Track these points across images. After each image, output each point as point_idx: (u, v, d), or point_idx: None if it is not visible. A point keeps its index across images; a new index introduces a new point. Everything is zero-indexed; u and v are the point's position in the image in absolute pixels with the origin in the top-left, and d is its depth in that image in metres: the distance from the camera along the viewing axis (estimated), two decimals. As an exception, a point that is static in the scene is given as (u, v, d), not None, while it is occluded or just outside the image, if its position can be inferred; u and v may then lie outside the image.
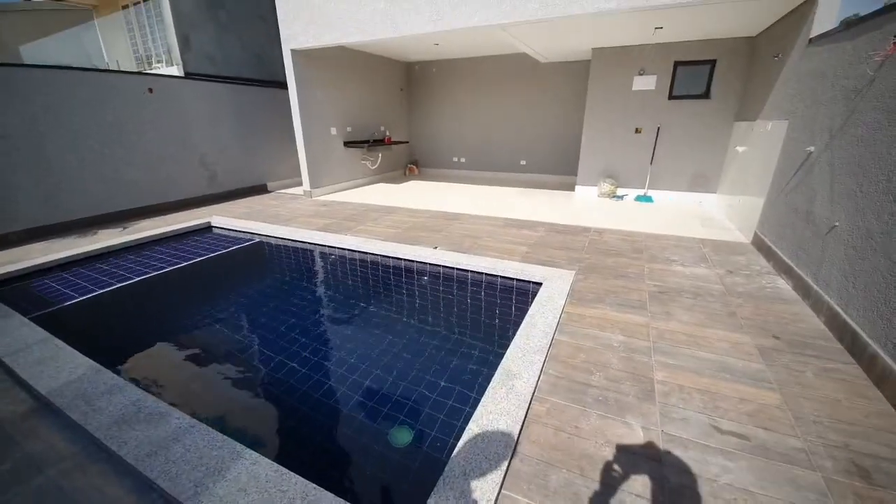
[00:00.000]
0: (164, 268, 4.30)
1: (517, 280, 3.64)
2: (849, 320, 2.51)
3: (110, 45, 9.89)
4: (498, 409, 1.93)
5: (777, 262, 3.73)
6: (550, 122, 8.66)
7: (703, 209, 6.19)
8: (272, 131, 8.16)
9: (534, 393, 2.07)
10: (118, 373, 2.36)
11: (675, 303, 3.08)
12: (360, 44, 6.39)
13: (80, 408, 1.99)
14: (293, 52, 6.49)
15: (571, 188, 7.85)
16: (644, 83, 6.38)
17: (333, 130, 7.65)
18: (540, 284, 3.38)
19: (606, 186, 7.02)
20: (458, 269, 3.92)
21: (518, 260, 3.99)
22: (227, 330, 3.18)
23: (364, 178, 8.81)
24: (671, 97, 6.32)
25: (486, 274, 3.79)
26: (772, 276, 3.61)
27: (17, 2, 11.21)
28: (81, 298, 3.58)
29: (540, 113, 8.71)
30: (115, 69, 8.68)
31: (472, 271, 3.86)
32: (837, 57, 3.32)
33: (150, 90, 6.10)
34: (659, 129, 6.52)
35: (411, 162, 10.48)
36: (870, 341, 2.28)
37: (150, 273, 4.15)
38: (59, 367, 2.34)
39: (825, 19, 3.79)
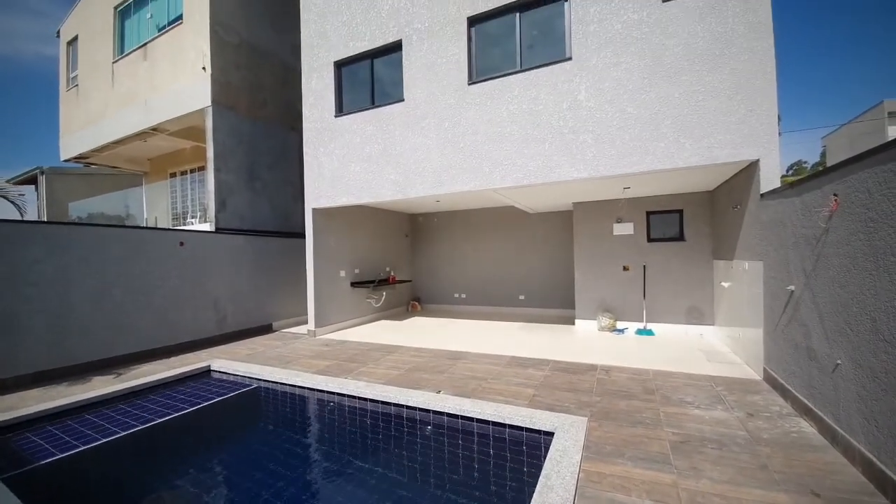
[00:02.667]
0: (154, 420, 4.08)
1: (527, 430, 3.42)
2: (886, 470, 2.31)
3: (152, 203, 11.32)
4: None
5: (794, 401, 3.57)
6: (544, 260, 9.30)
7: (706, 342, 6.16)
8: (284, 275, 8.69)
9: (558, 581, 1.78)
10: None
11: (700, 455, 2.85)
12: (372, 204, 7.40)
13: None
14: (314, 210, 7.44)
15: (571, 321, 7.95)
16: (623, 229, 7.12)
17: (342, 273, 8.17)
18: (551, 434, 3.18)
19: (606, 320, 7.13)
20: (462, 416, 3.73)
21: (526, 404, 3.82)
22: (210, 499, 2.86)
23: (368, 316, 8.99)
24: (650, 240, 6.98)
25: (492, 423, 3.59)
26: (793, 417, 3.42)
27: (78, 167, 13.05)
28: (61, 456, 3.31)
29: (534, 253, 9.43)
30: (152, 226, 9.74)
31: (477, 419, 3.66)
32: (791, 210, 3.71)
33: (182, 244, 6.77)
34: (645, 267, 6.99)
35: (414, 299, 10.83)
36: (921, 501, 2.06)
37: (137, 426, 3.92)
38: (14, 553, 2.05)
39: (770, 178, 4.38)
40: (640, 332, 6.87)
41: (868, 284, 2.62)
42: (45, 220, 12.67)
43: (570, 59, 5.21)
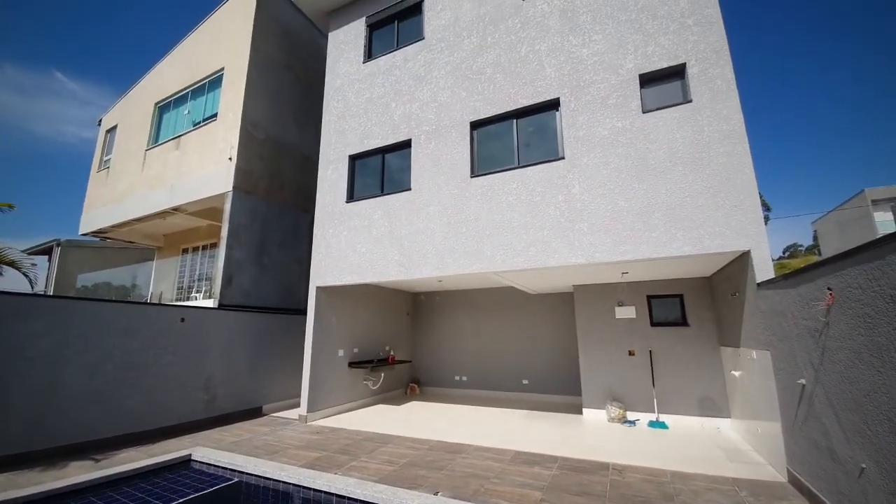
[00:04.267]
0: (123, 520, 3.70)
1: (534, 541, 3.08)
2: None
3: (161, 277, 11.52)
4: None
5: (826, 510, 3.26)
6: (548, 343, 9.10)
7: (724, 438, 5.76)
8: (280, 354, 8.46)
9: None
10: None
11: (728, 579, 2.53)
12: (376, 283, 7.55)
13: None
14: (318, 288, 7.56)
15: (578, 409, 7.52)
16: (625, 312, 7.11)
17: (341, 352, 7.98)
18: (561, 549, 2.85)
19: (615, 410, 6.75)
20: (463, 523, 3.38)
21: (532, 510, 3.49)
22: None
23: (364, 399, 8.56)
24: (653, 324, 6.92)
25: (496, 532, 3.24)
26: (831, 534, 3.08)
27: (94, 240, 13.52)
28: (9, 569, 2.95)
29: (536, 335, 9.27)
30: (155, 302, 9.80)
31: (480, 527, 3.32)
32: (789, 300, 3.75)
33: (183, 319, 6.77)
34: (651, 352, 6.83)
35: (413, 381, 10.39)
36: None
37: (103, 528, 3.55)
38: None
39: (763, 268, 4.50)
40: (652, 424, 6.46)
41: (879, 382, 2.57)
42: (53, 290, 12.84)
43: (562, 158, 5.74)
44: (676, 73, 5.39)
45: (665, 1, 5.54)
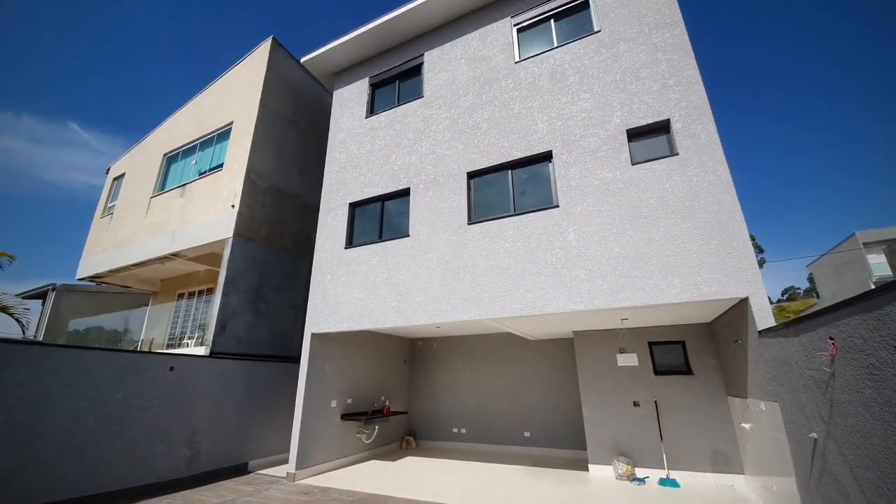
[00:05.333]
0: None
1: None
2: None
3: (154, 322, 11.30)
4: None
5: (858, 586, 2.98)
6: (549, 392, 8.78)
7: (739, 496, 5.41)
8: (270, 404, 8.10)
9: None
10: None
11: None
12: (372, 329, 7.42)
13: None
14: (313, 334, 7.42)
15: (583, 464, 7.11)
16: (627, 360, 6.96)
17: (334, 403, 7.67)
18: None
19: (623, 467, 6.39)
20: None
21: (537, 585, 3.19)
22: None
23: (357, 454, 8.09)
24: (657, 373, 6.74)
25: None
26: None
27: (90, 285, 13.42)
28: None
29: (537, 383, 8.98)
30: (145, 350, 9.54)
31: None
32: (792, 350, 3.67)
33: (172, 368, 6.56)
34: (656, 402, 6.59)
35: (408, 433, 9.90)
36: None
37: None
38: None
39: (763, 315, 4.46)
40: (662, 482, 6.09)
41: (893, 438, 2.47)
42: (44, 334, 12.56)
43: (557, 206, 5.89)
44: (662, 128, 5.69)
45: (647, 63, 5.97)
